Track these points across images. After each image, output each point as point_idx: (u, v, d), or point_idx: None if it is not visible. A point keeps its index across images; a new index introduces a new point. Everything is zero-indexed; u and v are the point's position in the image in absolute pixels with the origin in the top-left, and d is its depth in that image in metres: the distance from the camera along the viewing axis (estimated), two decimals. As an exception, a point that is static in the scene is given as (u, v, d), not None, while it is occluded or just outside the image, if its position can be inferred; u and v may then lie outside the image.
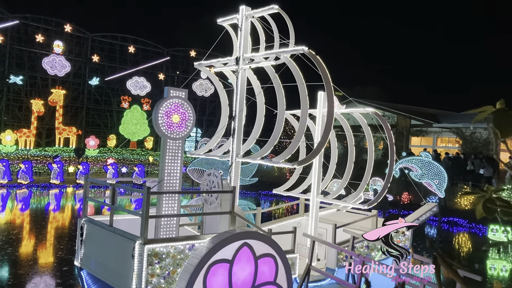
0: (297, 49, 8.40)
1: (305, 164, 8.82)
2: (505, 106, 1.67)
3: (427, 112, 36.29)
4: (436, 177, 20.58)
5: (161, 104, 7.85)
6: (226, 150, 10.12)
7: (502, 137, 1.62)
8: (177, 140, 7.98)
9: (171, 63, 45.69)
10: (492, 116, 1.67)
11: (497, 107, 1.67)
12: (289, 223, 11.37)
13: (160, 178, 7.83)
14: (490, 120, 2.46)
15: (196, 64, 10.44)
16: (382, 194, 10.35)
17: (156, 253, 6.64)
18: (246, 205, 27.80)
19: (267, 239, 7.47)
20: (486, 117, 1.71)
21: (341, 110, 10.81)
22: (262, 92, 9.76)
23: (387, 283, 8.57)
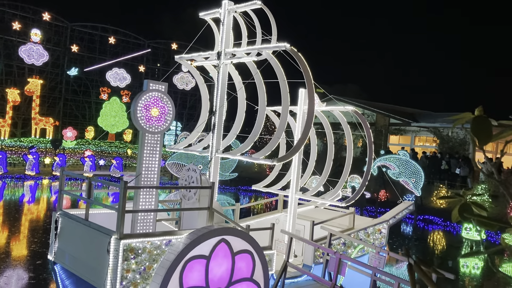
0: (279, 45, 8.38)
1: (285, 161, 8.83)
2: (483, 113, 1.66)
3: (405, 111, 36.79)
4: (413, 176, 20.91)
5: (140, 97, 7.74)
6: (206, 145, 10.05)
7: (479, 145, 1.61)
8: (155, 134, 7.88)
9: (151, 55, 45.21)
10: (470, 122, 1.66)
11: (475, 114, 1.66)
12: (268, 219, 11.40)
13: (138, 172, 7.73)
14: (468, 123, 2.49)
15: (177, 57, 10.32)
16: (360, 192, 10.45)
17: (132, 248, 6.56)
18: (225, 200, 27.76)
19: (245, 236, 7.45)
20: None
21: (321, 108, 10.85)
22: (243, 88, 9.72)
23: (362, 280, 8.67)
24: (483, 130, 1.59)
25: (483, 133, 1.60)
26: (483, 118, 1.62)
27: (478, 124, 1.60)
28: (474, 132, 1.59)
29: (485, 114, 1.68)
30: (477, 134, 1.60)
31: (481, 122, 1.60)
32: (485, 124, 1.60)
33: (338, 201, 10.78)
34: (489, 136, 1.60)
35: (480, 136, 1.60)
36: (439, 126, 31.58)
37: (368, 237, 10.84)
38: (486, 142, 1.60)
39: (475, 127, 1.60)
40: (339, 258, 7.62)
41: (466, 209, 1.70)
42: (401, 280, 6.93)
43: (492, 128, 1.62)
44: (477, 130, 1.59)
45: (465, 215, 1.69)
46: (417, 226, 22.88)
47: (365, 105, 36.35)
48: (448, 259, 17.04)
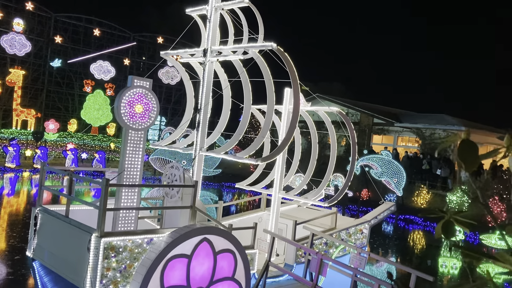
0: (266, 45, 8.36)
1: (269, 161, 8.83)
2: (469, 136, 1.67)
3: (389, 111, 37.14)
4: (395, 176, 21.15)
5: (124, 94, 7.66)
6: (190, 143, 10.00)
7: (466, 170, 1.62)
8: (139, 131, 7.81)
9: (137, 48, 44.71)
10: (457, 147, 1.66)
11: (462, 137, 1.66)
12: (251, 218, 11.40)
13: (120, 169, 7.66)
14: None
15: (162, 53, 10.23)
16: (343, 192, 10.52)
17: (113, 246, 6.50)
18: (209, 197, 27.70)
19: (227, 235, 7.45)
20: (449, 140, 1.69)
21: (306, 108, 10.88)
22: (229, 86, 9.68)
23: (343, 280, 8.74)
24: (470, 155, 1.59)
25: (470, 158, 1.59)
26: (469, 142, 1.62)
27: (464, 148, 1.60)
28: (461, 157, 1.59)
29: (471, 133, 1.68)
30: (464, 159, 1.60)
31: (468, 146, 1.60)
32: (471, 149, 1.60)
33: (321, 201, 10.84)
34: (476, 160, 1.60)
35: (467, 161, 1.60)
36: (421, 126, 31.96)
37: (349, 237, 10.93)
38: (473, 167, 1.61)
39: (462, 152, 1.60)
40: (320, 258, 7.66)
41: (449, 227, 1.71)
42: (381, 282, 7.00)
43: (478, 151, 1.62)
44: (464, 155, 1.59)
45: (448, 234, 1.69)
46: (398, 225, 23.16)
47: (349, 105, 36.59)
48: (427, 259, 17.30)
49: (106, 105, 39.85)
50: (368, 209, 20.50)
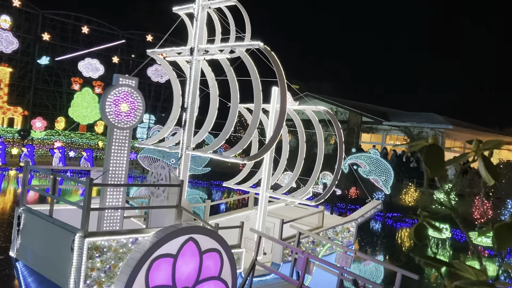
0: (253, 43, 8.34)
1: (256, 159, 8.82)
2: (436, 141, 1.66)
3: (378, 110, 37.35)
4: (383, 174, 21.29)
5: (109, 92, 7.60)
6: (178, 141, 9.95)
7: (431, 175, 1.61)
8: (124, 130, 7.75)
9: (126, 46, 44.44)
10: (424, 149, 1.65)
11: (429, 143, 1.65)
12: (238, 217, 11.38)
13: (105, 168, 7.59)
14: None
15: (149, 51, 10.16)
16: (330, 191, 10.55)
17: (97, 246, 6.44)
18: (198, 195, 27.64)
19: (213, 234, 7.42)
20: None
21: (294, 107, 10.89)
22: (216, 85, 9.65)
23: (330, 278, 8.77)
24: (435, 160, 1.58)
25: (436, 163, 1.59)
26: (435, 147, 1.61)
27: (430, 153, 1.59)
28: (426, 162, 1.58)
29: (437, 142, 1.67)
30: (429, 164, 1.59)
31: (434, 151, 1.59)
32: (437, 154, 1.59)
33: (308, 199, 10.86)
34: (441, 166, 1.60)
35: (431, 167, 1.59)
36: (409, 125, 32.18)
37: (336, 236, 10.97)
38: (438, 172, 1.60)
39: (428, 157, 1.59)
40: (306, 257, 7.68)
41: (421, 231, 1.70)
42: (366, 281, 7.04)
43: (444, 157, 1.62)
44: (430, 160, 1.58)
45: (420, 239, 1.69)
46: (385, 223, 23.32)
47: (339, 103, 36.73)
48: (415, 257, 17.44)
49: (94, 103, 39.55)
50: (356, 207, 20.60)
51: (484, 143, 1.58)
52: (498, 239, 1.54)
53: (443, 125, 31.08)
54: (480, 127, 37.23)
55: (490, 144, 1.55)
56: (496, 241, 1.55)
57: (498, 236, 1.54)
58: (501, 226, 1.56)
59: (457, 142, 33.65)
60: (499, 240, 1.54)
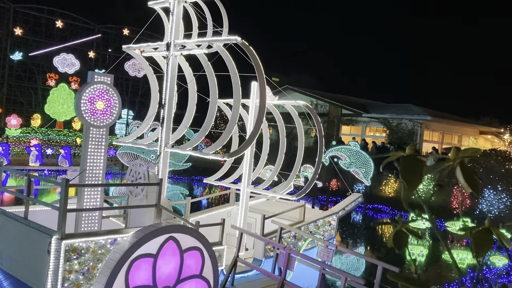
0: (230, 38, 8.24)
1: (236, 156, 8.75)
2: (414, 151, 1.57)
3: (357, 102, 37.60)
4: (363, 166, 21.46)
5: (84, 90, 7.42)
6: (156, 138, 9.80)
7: (409, 189, 1.53)
8: (101, 128, 7.58)
9: (102, 40, 43.61)
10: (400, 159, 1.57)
11: (406, 153, 1.57)
12: (220, 213, 11.31)
13: (82, 168, 7.42)
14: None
15: (124, 47, 9.95)
16: (310, 186, 10.55)
17: (75, 248, 6.30)
18: (179, 191, 27.46)
19: (194, 232, 7.34)
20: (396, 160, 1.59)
21: (273, 102, 10.83)
22: (194, 80, 9.52)
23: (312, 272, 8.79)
24: (413, 173, 1.51)
25: (414, 176, 1.51)
26: (413, 158, 1.54)
27: (408, 165, 1.51)
28: (403, 176, 1.50)
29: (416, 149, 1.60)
30: (407, 178, 1.51)
31: (411, 163, 1.52)
32: (415, 166, 1.51)
33: (289, 194, 10.85)
34: (419, 179, 1.53)
35: (410, 180, 1.51)
36: (388, 117, 32.49)
37: (318, 229, 11.00)
38: (416, 185, 1.53)
39: (405, 169, 1.51)
40: (288, 253, 7.67)
41: (400, 237, 1.65)
42: (347, 275, 7.06)
43: (422, 168, 1.54)
44: (407, 173, 1.51)
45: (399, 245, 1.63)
46: (366, 214, 23.56)
47: (318, 96, 36.85)
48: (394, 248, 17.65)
49: (71, 99, 38.75)
50: (337, 199, 20.75)
51: (462, 151, 1.54)
52: (476, 246, 1.50)
53: (421, 116, 31.47)
54: (458, 117, 37.85)
55: (468, 152, 1.51)
56: (474, 248, 1.50)
57: (476, 242, 1.50)
58: (479, 232, 1.51)
59: (435, 133, 34.16)
60: (478, 246, 1.49)
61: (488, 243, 1.50)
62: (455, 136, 35.99)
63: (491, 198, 20.05)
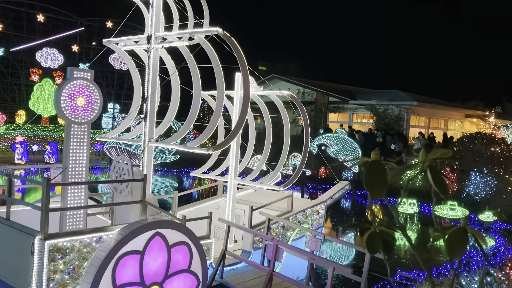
0: (211, 30, 8.13)
1: (221, 149, 8.69)
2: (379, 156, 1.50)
3: (344, 89, 37.61)
4: (351, 153, 21.56)
5: (64, 86, 7.30)
6: (141, 133, 9.69)
7: (372, 198, 1.47)
8: (82, 125, 7.47)
9: (85, 34, 42.97)
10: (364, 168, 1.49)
11: (371, 158, 1.50)
12: (208, 206, 11.27)
13: (64, 166, 7.32)
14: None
15: (104, 41, 9.78)
16: (297, 176, 10.54)
17: (59, 248, 6.22)
18: (168, 184, 27.36)
19: (181, 227, 7.29)
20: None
21: (258, 92, 10.76)
22: (177, 73, 9.40)
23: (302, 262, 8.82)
24: (378, 180, 1.44)
25: (378, 184, 1.45)
26: (377, 165, 1.47)
27: (371, 173, 1.44)
28: (366, 184, 1.43)
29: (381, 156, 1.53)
30: (371, 186, 1.44)
31: (375, 170, 1.45)
32: (379, 173, 1.45)
33: (277, 184, 10.83)
34: (384, 186, 1.46)
35: (374, 188, 1.44)
36: (375, 103, 32.58)
37: (306, 219, 11.02)
38: (381, 193, 1.46)
39: (368, 177, 1.44)
40: (276, 244, 7.66)
41: (374, 240, 1.59)
42: (335, 264, 7.08)
43: (386, 175, 1.47)
44: (371, 181, 1.44)
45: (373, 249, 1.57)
46: (355, 201, 23.71)
47: (305, 84, 36.78)
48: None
49: (56, 94, 38.21)
50: (326, 187, 20.80)
51: (431, 152, 1.49)
52: (450, 247, 1.45)
53: (407, 102, 31.61)
54: (444, 101, 38.10)
55: (437, 153, 1.46)
56: (448, 250, 1.45)
57: (451, 243, 1.45)
58: (453, 232, 1.46)
59: (422, 118, 34.36)
60: (452, 247, 1.45)
61: (463, 244, 1.46)
62: (441, 120, 36.24)
63: (478, 181, 20.27)
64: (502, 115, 36.33)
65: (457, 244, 1.46)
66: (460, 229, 1.49)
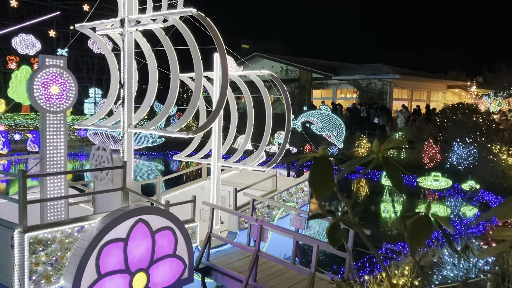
0: (185, 10, 7.94)
1: (202, 132, 8.60)
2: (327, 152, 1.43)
3: (327, 65, 37.49)
4: (335, 129, 21.61)
5: (36, 75, 7.12)
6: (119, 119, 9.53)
7: (317, 198, 1.41)
8: (58, 114, 7.31)
9: (62, 18, 41.89)
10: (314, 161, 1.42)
11: (319, 153, 1.43)
12: (192, 189, 11.24)
13: (42, 156, 7.19)
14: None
15: (77, 26, 9.53)
16: (279, 156, 10.52)
17: (40, 240, 6.15)
18: (155, 167, 27.25)
19: (164, 213, 7.26)
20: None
21: (237, 73, 10.63)
22: (153, 56, 9.21)
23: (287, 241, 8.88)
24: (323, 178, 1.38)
25: (323, 183, 1.38)
26: (323, 161, 1.40)
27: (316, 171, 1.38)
28: (311, 183, 1.37)
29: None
30: (316, 185, 1.38)
31: (320, 167, 1.38)
32: (325, 171, 1.38)
33: (262, 164, 10.82)
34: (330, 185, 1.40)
35: (319, 187, 1.38)
36: (358, 78, 32.58)
37: (291, 197, 11.07)
38: (326, 193, 1.40)
39: (315, 175, 1.38)
40: (260, 225, 7.69)
41: (336, 231, 1.53)
42: (319, 242, 7.14)
43: (332, 173, 1.41)
44: (316, 180, 1.37)
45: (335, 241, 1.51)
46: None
47: (288, 61, 36.55)
48: (370, 205, 18.05)
49: (35, 81, 37.43)
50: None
51: (385, 143, 1.44)
52: (411, 237, 1.40)
53: (390, 75, 31.66)
54: (426, 73, 38.24)
55: (391, 143, 1.41)
56: (410, 238, 1.40)
57: (413, 232, 1.40)
58: (416, 220, 1.42)
59: (404, 90, 34.50)
60: (414, 237, 1.40)
61: (426, 232, 1.41)
62: (424, 92, 36.46)
63: (460, 151, 20.52)
64: (484, 85, 36.64)
65: (420, 233, 1.41)
66: (422, 217, 1.44)
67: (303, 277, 7.52)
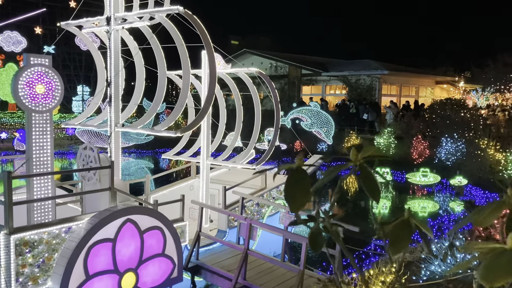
0: (172, 8, 7.89)
1: (190, 130, 8.57)
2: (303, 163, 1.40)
3: (316, 61, 37.53)
4: (325, 126, 21.65)
5: (21, 74, 7.02)
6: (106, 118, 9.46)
7: (292, 211, 1.39)
8: (44, 113, 7.22)
9: (48, 15, 41.43)
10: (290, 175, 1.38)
11: (295, 164, 1.40)
12: (181, 187, 11.20)
13: (28, 156, 7.09)
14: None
15: (62, 24, 9.44)
16: (268, 154, 10.52)
17: (26, 241, 6.08)
18: (145, 165, 27.11)
19: (152, 212, 7.22)
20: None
21: (226, 70, 10.59)
22: (140, 54, 9.15)
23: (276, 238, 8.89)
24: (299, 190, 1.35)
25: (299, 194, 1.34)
26: (299, 172, 1.36)
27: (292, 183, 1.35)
28: (286, 195, 1.34)
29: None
30: (291, 197, 1.34)
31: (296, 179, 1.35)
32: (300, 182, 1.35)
33: (251, 161, 10.81)
34: (306, 197, 1.37)
35: (294, 199, 1.34)
36: (347, 74, 32.66)
37: (281, 194, 11.07)
38: (301, 205, 1.37)
39: (288, 187, 1.34)
40: (249, 223, 7.68)
41: (317, 238, 1.49)
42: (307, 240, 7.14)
43: (309, 184, 1.38)
44: (290, 193, 1.34)
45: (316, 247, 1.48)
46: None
47: (278, 57, 36.53)
48: (360, 201, 18.13)
49: (21, 79, 36.98)
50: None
51: (363, 151, 1.42)
52: (392, 242, 1.38)
53: (378, 71, 31.79)
54: (415, 69, 38.46)
55: (369, 151, 1.40)
56: (390, 246, 1.38)
57: (393, 238, 1.38)
58: (396, 226, 1.40)
59: (393, 86, 34.67)
60: (395, 242, 1.38)
61: (407, 237, 1.39)
62: (413, 88, 36.67)
63: (449, 147, 20.69)
64: (471, 80, 36.97)
65: (400, 238, 1.39)
66: (403, 222, 1.42)
67: (293, 275, 7.54)
